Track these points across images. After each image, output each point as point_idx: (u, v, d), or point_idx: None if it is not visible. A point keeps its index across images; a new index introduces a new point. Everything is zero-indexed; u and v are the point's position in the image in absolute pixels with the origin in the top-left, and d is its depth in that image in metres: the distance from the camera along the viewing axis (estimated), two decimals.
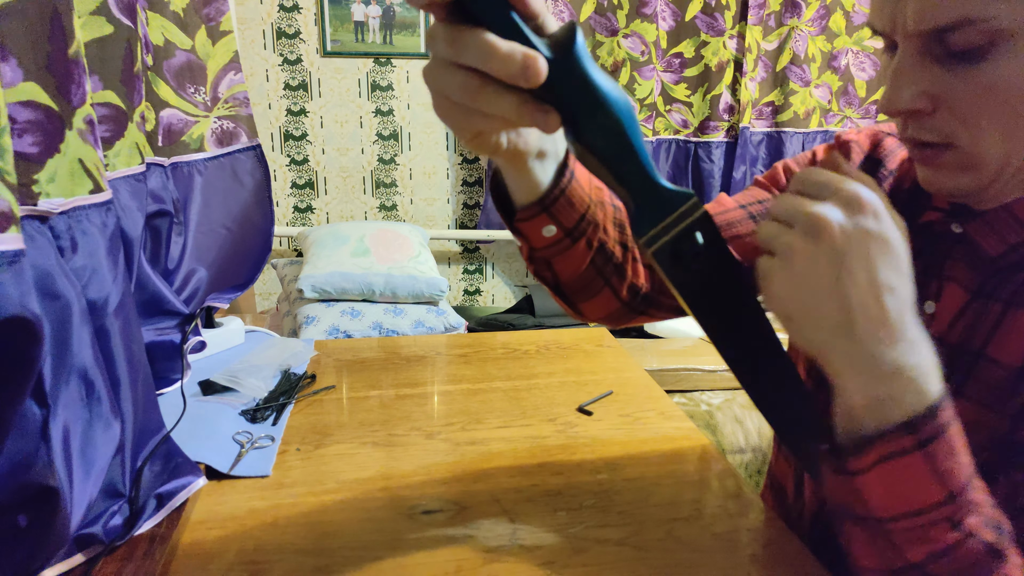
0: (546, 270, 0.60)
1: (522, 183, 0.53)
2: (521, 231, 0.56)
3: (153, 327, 0.95)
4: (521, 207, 0.54)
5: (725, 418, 1.62)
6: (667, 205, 0.41)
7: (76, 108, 0.62)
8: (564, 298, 0.64)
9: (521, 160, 0.50)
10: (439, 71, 0.38)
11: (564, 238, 0.56)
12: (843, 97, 2.59)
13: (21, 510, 0.55)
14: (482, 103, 0.38)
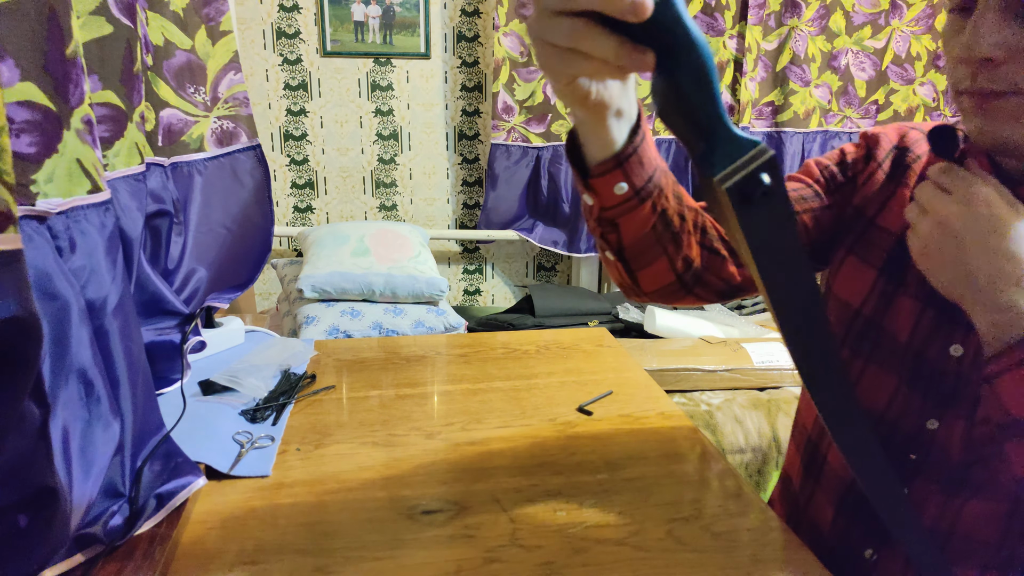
0: (611, 231, 0.63)
1: (599, 139, 0.56)
2: (594, 187, 0.59)
3: (153, 327, 0.95)
4: (597, 163, 0.58)
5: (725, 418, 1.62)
6: (739, 147, 0.43)
7: (74, 108, 0.62)
8: (624, 264, 0.67)
9: (603, 114, 0.54)
10: (546, 20, 0.43)
11: (632, 197, 0.60)
12: (843, 97, 2.59)
13: (21, 510, 0.55)
14: (587, 45, 0.42)
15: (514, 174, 2.50)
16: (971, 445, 0.62)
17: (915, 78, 2.57)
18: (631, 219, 0.62)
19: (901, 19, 2.51)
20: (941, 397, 0.64)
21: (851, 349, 0.70)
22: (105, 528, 0.63)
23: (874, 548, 0.68)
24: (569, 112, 0.58)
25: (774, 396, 1.69)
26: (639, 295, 0.71)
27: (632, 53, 0.41)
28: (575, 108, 0.53)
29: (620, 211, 0.61)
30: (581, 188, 0.61)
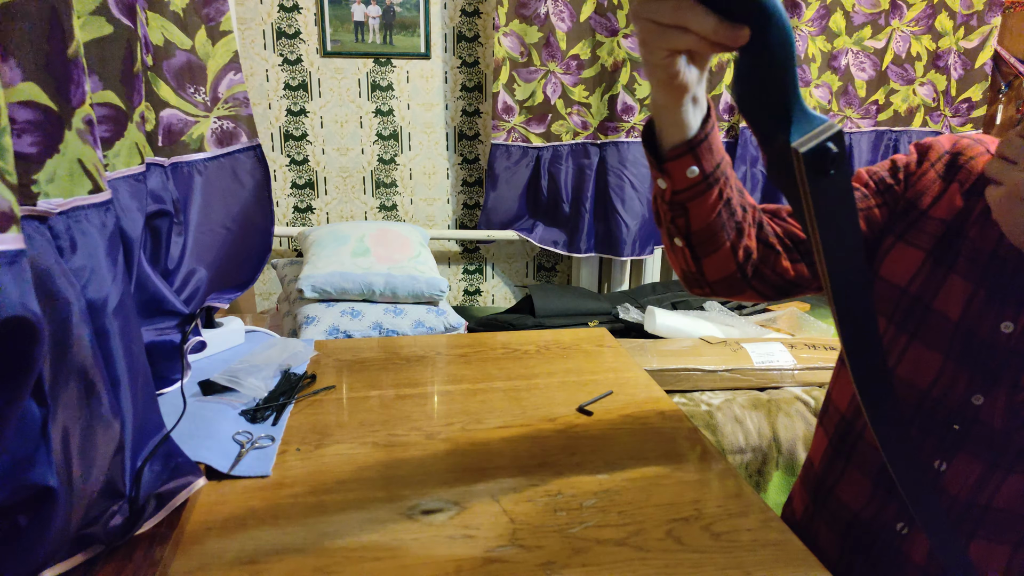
0: (681, 215, 0.68)
1: (676, 123, 0.62)
2: (668, 170, 0.64)
3: (153, 327, 0.95)
4: (671, 146, 0.63)
5: (725, 418, 1.62)
6: (811, 121, 0.48)
7: (75, 108, 0.62)
8: (692, 251, 0.71)
9: (682, 97, 0.59)
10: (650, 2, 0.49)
11: (702, 181, 0.65)
12: (843, 97, 2.59)
13: (21, 510, 0.55)
14: (690, 21, 0.48)
15: (514, 174, 2.50)
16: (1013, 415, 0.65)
17: (915, 78, 2.57)
18: (700, 203, 0.66)
19: (901, 19, 2.51)
20: (989, 372, 0.66)
21: (896, 326, 0.73)
22: (105, 528, 0.63)
23: (906, 522, 0.71)
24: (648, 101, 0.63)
25: (774, 396, 1.70)
26: (702, 285, 0.75)
27: (730, 28, 0.47)
28: (662, 88, 0.59)
29: (690, 195, 0.66)
30: (655, 172, 0.66)
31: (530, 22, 2.34)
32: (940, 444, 0.69)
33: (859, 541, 0.75)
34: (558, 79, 2.42)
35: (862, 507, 0.75)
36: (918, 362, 0.71)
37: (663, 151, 0.64)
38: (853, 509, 0.76)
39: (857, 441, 0.77)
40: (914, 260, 0.72)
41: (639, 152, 2.48)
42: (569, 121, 2.46)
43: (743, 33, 0.47)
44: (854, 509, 0.76)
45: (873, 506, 0.74)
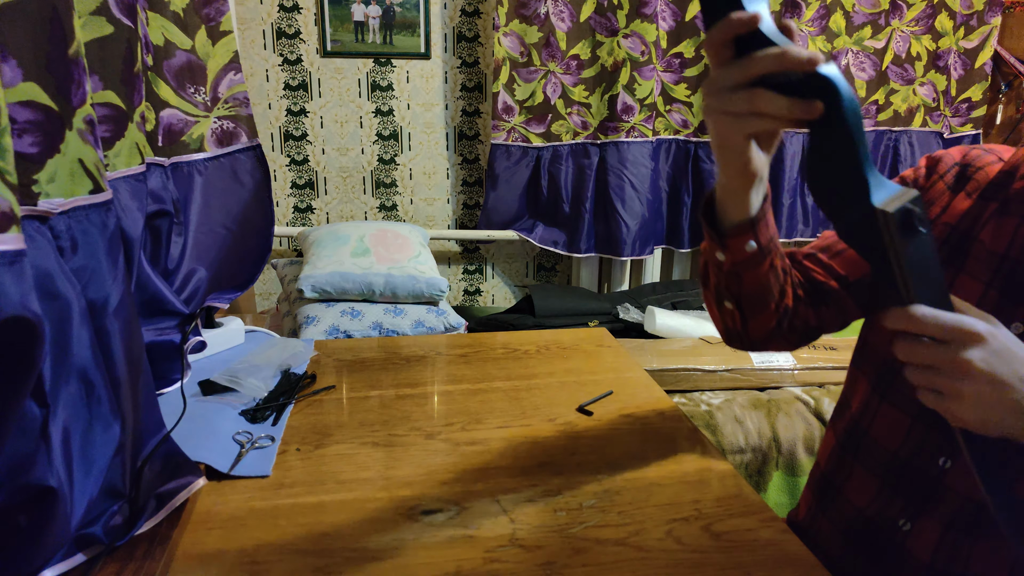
0: (736, 283, 0.72)
1: (740, 204, 0.66)
2: (729, 246, 0.69)
3: (153, 327, 0.95)
4: (733, 225, 0.67)
5: (725, 418, 1.62)
6: (888, 187, 0.51)
7: (76, 108, 0.62)
8: (741, 313, 0.75)
9: (751, 181, 0.63)
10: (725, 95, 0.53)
11: (759, 253, 0.69)
12: None
13: (21, 510, 0.55)
14: (765, 106, 0.51)
15: (514, 174, 2.50)
16: None
17: (915, 78, 2.57)
18: (754, 272, 0.71)
19: (901, 19, 2.51)
20: None
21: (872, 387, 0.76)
22: (105, 528, 0.63)
23: (907, 518, 0.72)
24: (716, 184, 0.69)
25: (774, 396, 1.70)
26: (743, 341, 0.80)
27: (803, 104, 0.50)
28: (735, 175, 0.63)
29: (747, 266, 0.70)
30: (714, 245, 0.70)
31: (530, 22, 2.34)
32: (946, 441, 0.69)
33: (861, 538, 0.75)
34: (558, 79, 2.42)
35: (867, 504, 0.75)
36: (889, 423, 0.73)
37: (724, 227, 0.68)
38: (858, 506, 0.76)
39: (863, 437, 0.77)
40: None
41: (639, 152, 2.48)
42: (569, 121, 2.46)
43: (816, 106, 0.49)
44: (859, 506, 0.76)
45: (878, 503, 0.74)
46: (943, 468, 0.69)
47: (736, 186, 0.64)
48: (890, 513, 0.73)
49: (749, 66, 0.52)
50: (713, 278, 0.74)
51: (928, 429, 0.71)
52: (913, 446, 0.72)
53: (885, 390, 0.76)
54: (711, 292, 0.77)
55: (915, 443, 0.72)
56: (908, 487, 0.72)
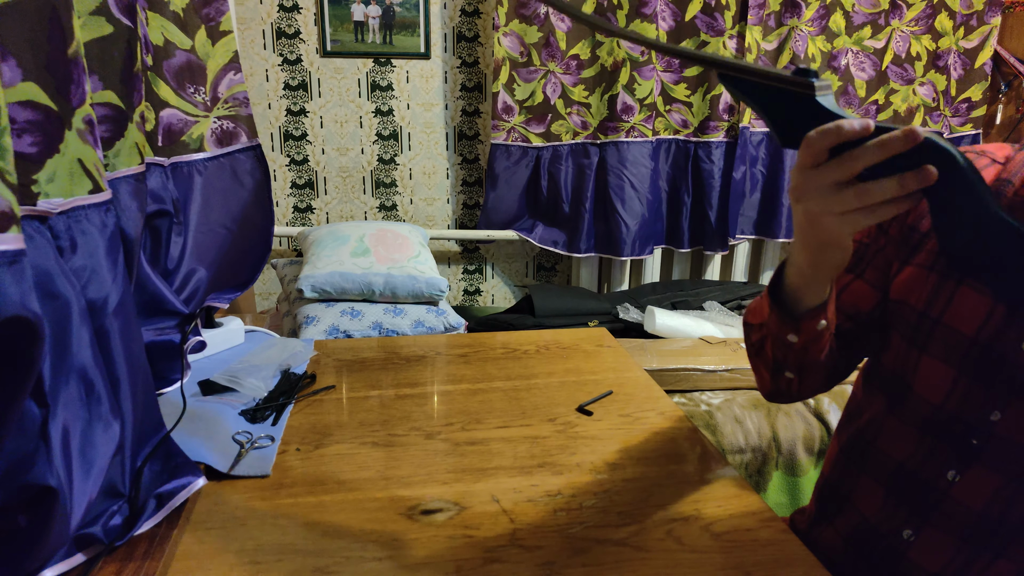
0: (802, 357, 0.72)
1: (819, 291, 0.65)
2: (803, 328, 0.68)
3: (153, 327, 0.95)
4: (809, 309, 0.67)
5: (725, 418, 1.62)
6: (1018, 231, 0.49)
7: (76, 108, 0.62)
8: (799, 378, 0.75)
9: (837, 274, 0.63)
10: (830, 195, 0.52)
11: (827, 329, 0.69)
12: (843, 97, 2.59)
13: (21, 510, 0.55)
14: (875, 196, 0.50)
15: (514, 174, 2.50)
16: None
17: (915, 78, 2.57)
18: (820, 344, 0.70)
19: (901, 19, 2.51)
20: (1007, 388, 0.65)
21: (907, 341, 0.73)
22: (105, 528, 0.63)
23: (912, 528, 0.71)
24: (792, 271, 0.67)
25: None
26: (791, 398, 0.79)
27: (913, 176, 0.48)
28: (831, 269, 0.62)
29: (816, 341, 0.69)
30: (787, 328, 0.69)
31: (530, 22, 2.34)
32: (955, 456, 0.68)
33: (864, 546, 0.74)
34: (558, 79, 2.42)
35: (872, 513, 0.75)
36: (930, 377, 0.70)
37: (799, 310, 0.67)
38: (864, 514, 0.76)
39: (868, 447, 0.76)
40: (918, 278, 0.71)
41: (639, 152, 2.48)
42: (569, 121, 2.46)
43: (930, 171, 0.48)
44: (864, 514, 0.75)
45: (884, 513, 0.73)
46: (951, 481, 0.68)
47: (824, 277, 0.64)
48: (894, 523, 0.72)
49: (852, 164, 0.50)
50: (773, 352, 0.73)
51: (936, 442, 0.70)
52: (921, 458, 0.71)
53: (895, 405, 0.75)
54: (766, 362, 0.76)
55: (923, 455, 0.71)
56: (914, 498, 0.71)
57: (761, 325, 0.74)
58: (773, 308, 0.70)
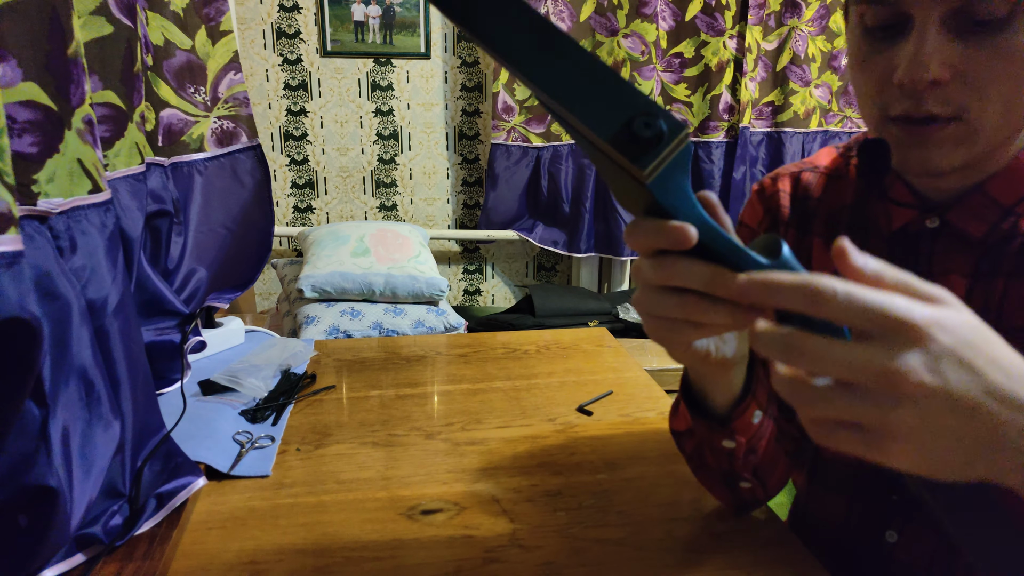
0: (752, 459, 0.63)
1: (723, 386, 0.57)
2: (736, 428, 0.59)
3: (153, 327, 0.95)
4: (730, 404, 0.58)
5: None
6: None
7: (75, 108, 0.62)
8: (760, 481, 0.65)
9: (728, 366, 0.54)
10: (656, 297, 0.42)
11: (764, 418, 0.61)
12: (843, 97, 2.59)
13: (21, 510, 0.55)
14: (701, 315, 0.41)
15: (514, 174, 2.50)
16: None
17: None
18: (765, 437, 0.62)
19: None
20: None
21: None
22: (105, 528, 0.63)
23: (895, 529, 0.65)
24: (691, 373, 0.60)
25: None
26: (762, 503, 0.70)
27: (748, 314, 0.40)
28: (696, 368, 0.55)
29: (758, 436, 0.61)
30: (718, 436, 0.60)
31: None
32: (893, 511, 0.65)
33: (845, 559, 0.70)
34: None
35: (840, 524, 0.70)
36: None
37: (720, 412, 0.59)
38: (832, 527, 0.71)
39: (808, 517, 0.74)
40: None
41: None
42: None
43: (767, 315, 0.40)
44: (833, 527, 0.71)
45: (853, 520, 0.69)
46: (891, 544, 0.65)
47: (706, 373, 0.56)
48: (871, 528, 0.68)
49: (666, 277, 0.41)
50: (717, 463, 0.64)
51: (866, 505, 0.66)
52: (855, 526, 0.68)
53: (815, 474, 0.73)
54: (714, 475, 0.66)
55: (857, 522, 0.68)
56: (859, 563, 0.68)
57: (690, 431, 0.64)
58: (692, 417, 0.61)
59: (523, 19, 0.37)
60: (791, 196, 0.71)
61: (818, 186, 0.70)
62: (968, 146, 0.52)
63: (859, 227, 0.65)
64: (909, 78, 0.50)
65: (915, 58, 0.49)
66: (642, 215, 0.41)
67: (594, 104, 0.36)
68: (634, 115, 0.36)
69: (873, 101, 0.55)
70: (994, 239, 0.57)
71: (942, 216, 0.59)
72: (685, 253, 0.40)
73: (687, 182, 0.38)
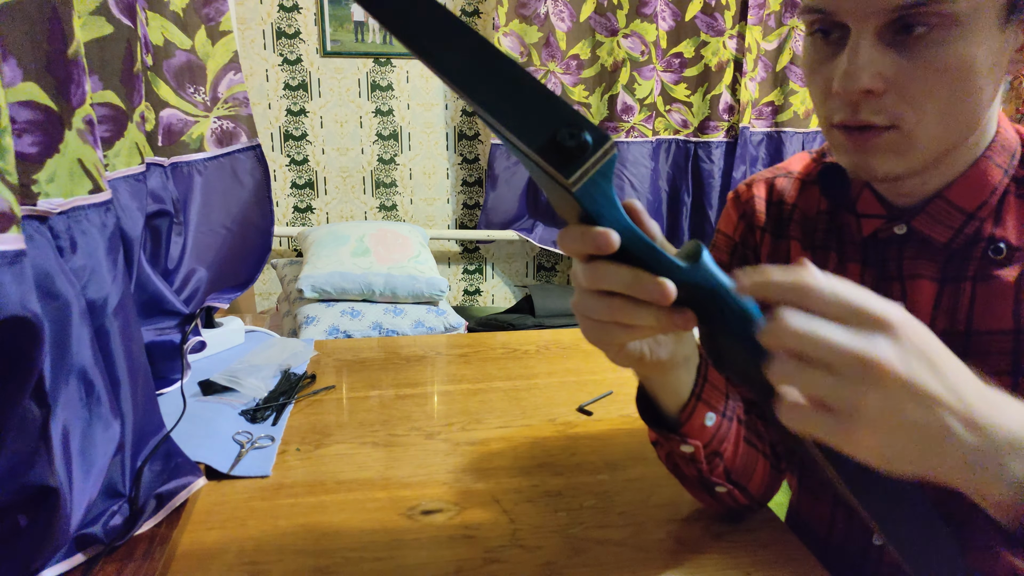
0: (718, 462, 0.62)
1: (669, 388, 0.57)
2: (688, 434, 0.59)
3: (153, 327, 0.95)
4: (679, 408, 0.58)
5: None
6: None
7: (76, 108, 0.62)
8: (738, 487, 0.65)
9: (666, 368, 0.55)
10: (587, 300, 0.45)
11: (722, 420, 0.60)
12: None
13: (21, 510, 0.55)
14: (627, 317, 0.43)
15: (514, 174, 2.51)
16: None
17: None
18: (729, 440, 0.61)
19: None
20: None
21: None
22: (105, 528, 0.63)
23: None
24: None
25: None
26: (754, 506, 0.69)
27: (672, 317, 0.42)
28: (636, 371, 0.55)
29: (718, 439, 0.61)
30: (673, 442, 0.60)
31: (530, 22, 2.34)
32: None
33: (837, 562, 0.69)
34: (558, 79, 2.42)
35: (828, 528, 0.71)
36: None
37: (671, 418, 0.59)
38: (820, 534, 0.72)
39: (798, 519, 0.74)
40: None
41: (639, 152, 2.48)
42: None
43: (689, 317, 0.42)
44: (821, 534, 0.72)
45: (840, 525, 0.70)
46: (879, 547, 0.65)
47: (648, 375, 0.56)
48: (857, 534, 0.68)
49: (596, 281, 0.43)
50: (688, 470, 0.63)
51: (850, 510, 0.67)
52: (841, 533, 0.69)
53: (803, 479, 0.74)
54: (692, 482, 0.65)
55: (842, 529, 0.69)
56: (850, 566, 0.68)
57: (658, 440, 0.65)
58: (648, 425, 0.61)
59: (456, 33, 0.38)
60: (766, 201, 0.72)
61: (793, 191, 0.71)
62: (906, 154, 0.53)
63: (834, 233, 0.67)
64: (843, 88, 0.51)
65: (848, 69, 0.51)
66: (575, 222, 0.43)
67: (522, 116, 0.38)
68: (559, 127, 0.37)
69: (820, 107, 0.57)
70: (958, 244, 0.59)
71: (908, 223, 0.60)
72: (612, 258, 0.42)
73: (612, 190, 0.40)
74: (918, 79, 0.50)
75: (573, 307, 0.47)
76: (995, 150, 0.58)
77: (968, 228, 0.58)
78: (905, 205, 0.61)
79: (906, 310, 0.38)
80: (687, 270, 0.42)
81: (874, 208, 0.63)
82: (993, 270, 0.58)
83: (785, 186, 0.72)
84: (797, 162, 0.73)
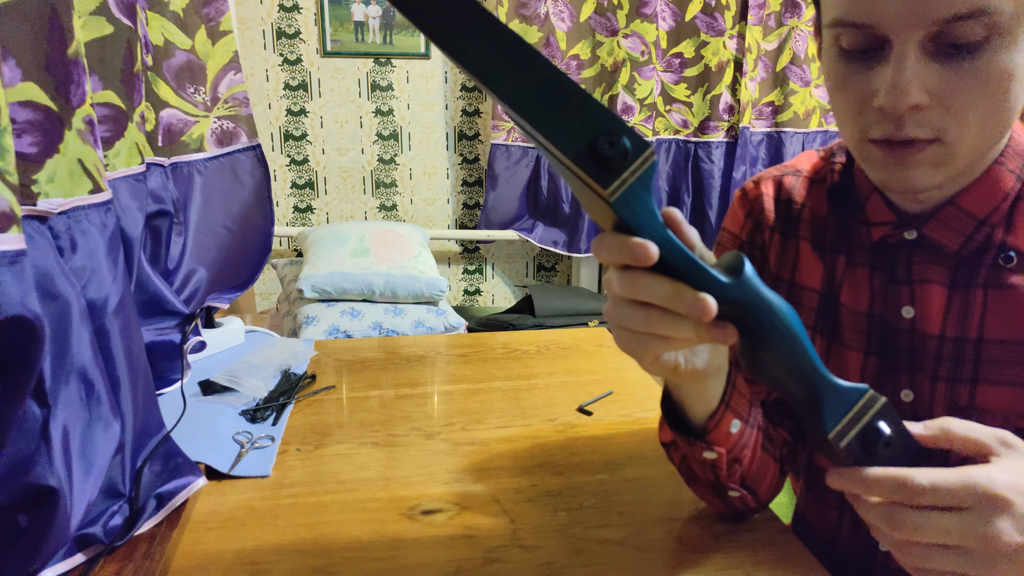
0: (737, 469, 0.62)
1: (699, 397, 0.57)
2: (714, 440, 0.59)
3: (153, 327, 0.95)
4: (707, 416, 0.57)
5: None
6: (846, 399, 0.43)
7: (75, 108, 0.62)
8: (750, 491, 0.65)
9: (700, 378, 0.54)
10: (623, 310, 0.43)
11: (745, 427, 0.60)
12: None
13: (21, 510, 0.55)
14: (665, 329, 0.42)
15: (514, 174, 2.51)
16: None
17: None
18: (749, 447, 0.62)
19: None
20: None
21: None
22: (105, 528, 0.63)
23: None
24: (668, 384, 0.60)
25: None
26: (759, 508, 0.69)
27: (712, 330, 0.41)
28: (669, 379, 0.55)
29: (740, 447, 0.61)
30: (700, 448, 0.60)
31: (530, 22, 2.34)
32: None
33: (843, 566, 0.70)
34: None
35: (835, 532, 0.71)
36: None
37: (697, 425, 0.59)
38: (828, 534, 0.72)
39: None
40: None
41: None
42: None
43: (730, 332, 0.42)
44: (827, 539, 0.72)
45: (847, 530, 0.70)
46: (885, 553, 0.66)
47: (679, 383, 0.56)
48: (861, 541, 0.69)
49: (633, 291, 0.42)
50: (703, 475, 0.64)
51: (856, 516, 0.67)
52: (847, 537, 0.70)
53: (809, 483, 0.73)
54: (704, 487, 0.66)
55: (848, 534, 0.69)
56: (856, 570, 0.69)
57: (675, 443, 0.65)
58: (671, 430, 0.62)
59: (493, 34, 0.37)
60: (775, 200, 0.71)
61: (802, 189, 0.70)
62: (947, 166, 0.53)
63: (844, 236, 0.66)
64: (890, 104, 0.50)
65: (895, 84, 0.49)
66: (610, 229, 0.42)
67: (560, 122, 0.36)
68: (599, 134, 0.36)
69: (853, 121, 0.55)
70: (968, 251, 0.58)
71: (919, 229, 0.60)
72: (649, 269, 0.41)
73: (651, 199, 0.39)
74: (962, 91, 0.49)
75: (606, 315, 0.46)
76: (1008, 156, 0.57)
77: (979, 234, 0.58)
78: (916, 211, 0.61)
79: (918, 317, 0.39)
80: (731, 286, 0.40)
81: (883, 214, 0.62)
82: (1007, 278, 0.57)
83: (794, 185, 0.71)
84: (805, 160, 0.72)
